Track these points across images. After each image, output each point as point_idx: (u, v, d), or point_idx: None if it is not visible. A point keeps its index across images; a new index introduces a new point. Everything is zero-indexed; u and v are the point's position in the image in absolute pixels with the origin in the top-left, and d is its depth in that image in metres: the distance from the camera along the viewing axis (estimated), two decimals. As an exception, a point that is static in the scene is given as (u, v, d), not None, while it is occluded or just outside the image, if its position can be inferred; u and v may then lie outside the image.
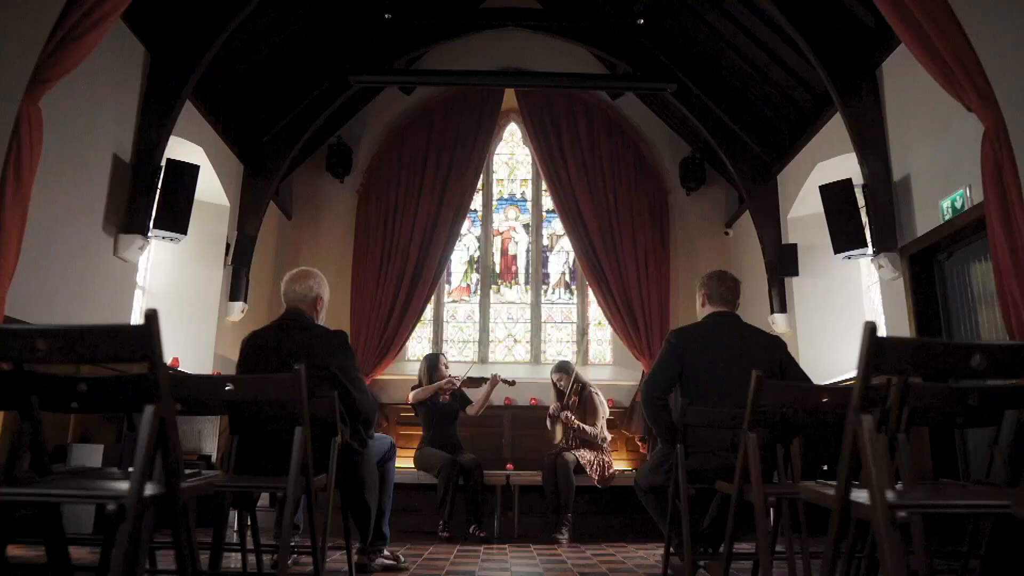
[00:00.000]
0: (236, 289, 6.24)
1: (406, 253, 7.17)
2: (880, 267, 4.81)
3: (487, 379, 5.32)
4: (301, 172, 7.51)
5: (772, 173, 6.53)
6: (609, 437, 5.12)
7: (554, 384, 5.26)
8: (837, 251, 4.90)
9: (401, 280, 7.12)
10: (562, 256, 7.76)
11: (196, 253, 6.10)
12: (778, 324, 6.23)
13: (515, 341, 7.52)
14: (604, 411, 5.13)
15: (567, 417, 4.98)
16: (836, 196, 4.87)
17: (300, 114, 6.50)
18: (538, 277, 7.67)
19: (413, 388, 5.24)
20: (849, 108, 5.03)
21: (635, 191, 7.36)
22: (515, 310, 7.62)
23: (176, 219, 4.76)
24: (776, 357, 2.97)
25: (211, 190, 6.13)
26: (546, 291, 7.68)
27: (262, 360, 2.88)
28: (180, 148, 5.48)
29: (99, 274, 4.55)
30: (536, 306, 7.60)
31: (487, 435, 6.72)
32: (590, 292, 7.54)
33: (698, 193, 7.47)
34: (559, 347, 7.45)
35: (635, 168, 7.43)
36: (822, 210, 6.17)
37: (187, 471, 2.50)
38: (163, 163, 4.85)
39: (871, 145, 4.95)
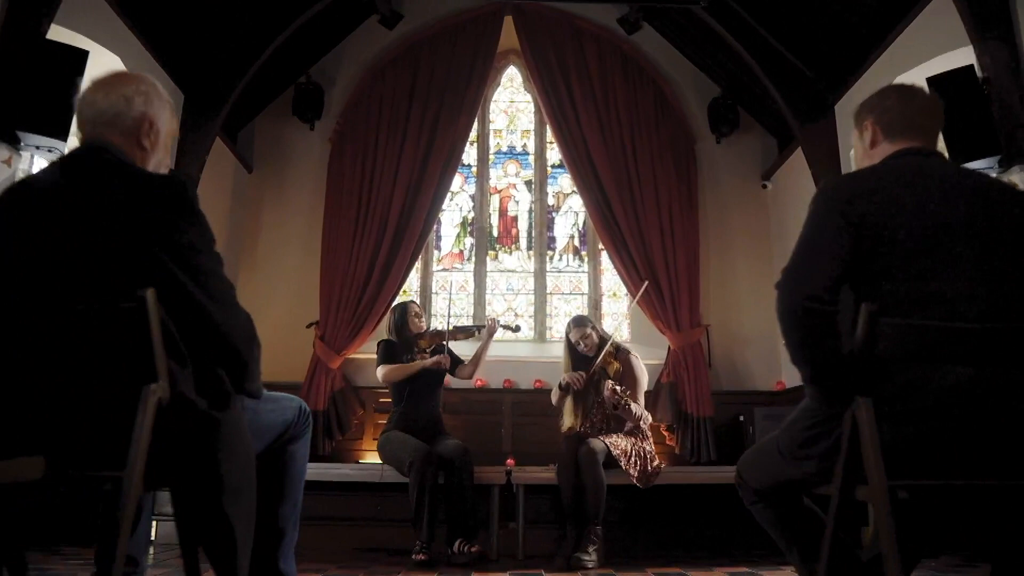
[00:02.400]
0: (170, 242, 4.69)
1: (386, 211, 5.64)
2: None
3: (480, 327, 3.73)
4: (264, 117, 6.01)
5: (829, 104, 5.04)
6: (650, 418, 3.56)
7: (572, 347, 3.66)
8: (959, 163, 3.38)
9: (380, 243, 5.59)
10: (570, 217, 6.24)
11: (119, 196, 4.57)
12: (842, 284, 4.70)
13: (516, 315, 5.99)
14: (646, 381, 3.59)
15: (616, 391, 3.29)
16: (953, 89, 3.36)
17: (253, 31, 4.99)
18: (543, 241, 6.15)
19: (380, 344, 3.66)
20: (959, -18, 3.57)
21: (656, 139, 5.85)
22: (516, 279, 6.10)
23: (52, 119, 3.25)
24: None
25: (140, 120, 4.62)
26: (552, 257, 6.15)
27: (27, 227, 1.35)
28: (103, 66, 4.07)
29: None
30: (540, 275, 6.08)
31: (482, 424, 5.20)
32: (603, 258, 6.03)
33: (730, 140, 5.97)
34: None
35: (656, 113, 5.93)
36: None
37: None
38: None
39: (992, 27, 3.48)
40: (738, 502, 3.07)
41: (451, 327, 3.70)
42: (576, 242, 6.19)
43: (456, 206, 6.22)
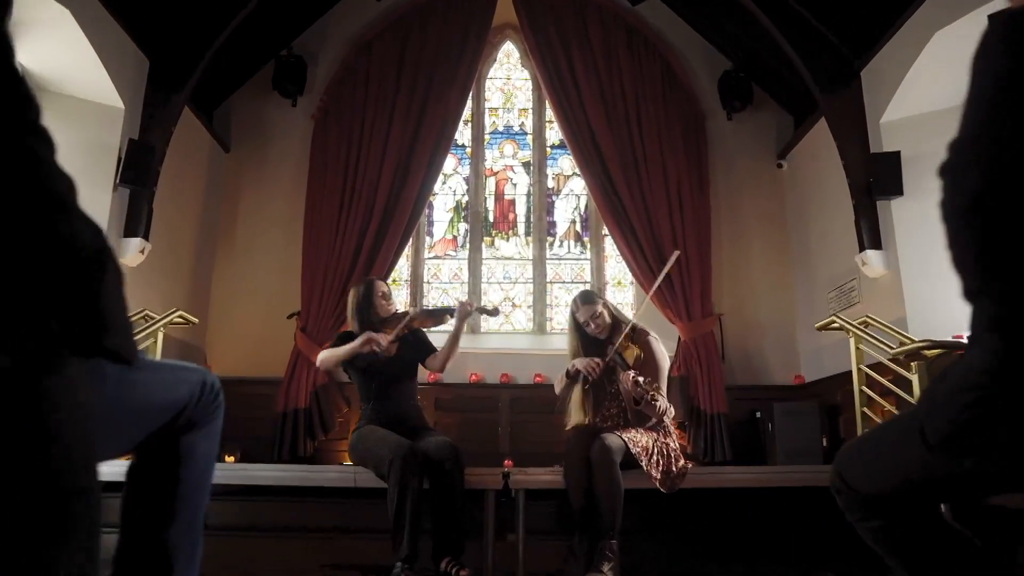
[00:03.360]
0: (132, 220, 4.20)
1: (373, 194, 5.12)
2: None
3: (451, 309, 3.13)
4: (242, 93, 5.49)
5: (854, 70, 4.53)
6: (674, 412, 3.03)
7: (577, 327, 3.07)
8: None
9: (366, 228, 5.07)
10: (572, 201, 5.72)
11: (74, 169, 4.03)
12: (872, 265, 4.21)
13: (514, 306, 5.47)
14: (667, 367, 3.05)
15: (640, 383, 2.63)
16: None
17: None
18: (542, 226, 5.62)
19: (338, 336, 3.11)
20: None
21: (664, 116, 5.34)
22: (513, 267, 5.57)
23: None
24: None
25: (98, 86, 4.10)
26: (552, 244, 5.63)
27: None
28: (57, 28, 3.65)
29: None
30: (540, 262, 5.55)
31: (477, 422, 4.69)
32: (607, 244, 5.52)
33: (742, 117, 5.47)
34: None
35: (663, 88, 5.43)
36: (935, 107, 4.21)
37: None
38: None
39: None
40: (778, 508, 2.50)
41: (419, 310, 3.12)
42: (578, 227, 5.67)
43: (449, 189, 5.70)
